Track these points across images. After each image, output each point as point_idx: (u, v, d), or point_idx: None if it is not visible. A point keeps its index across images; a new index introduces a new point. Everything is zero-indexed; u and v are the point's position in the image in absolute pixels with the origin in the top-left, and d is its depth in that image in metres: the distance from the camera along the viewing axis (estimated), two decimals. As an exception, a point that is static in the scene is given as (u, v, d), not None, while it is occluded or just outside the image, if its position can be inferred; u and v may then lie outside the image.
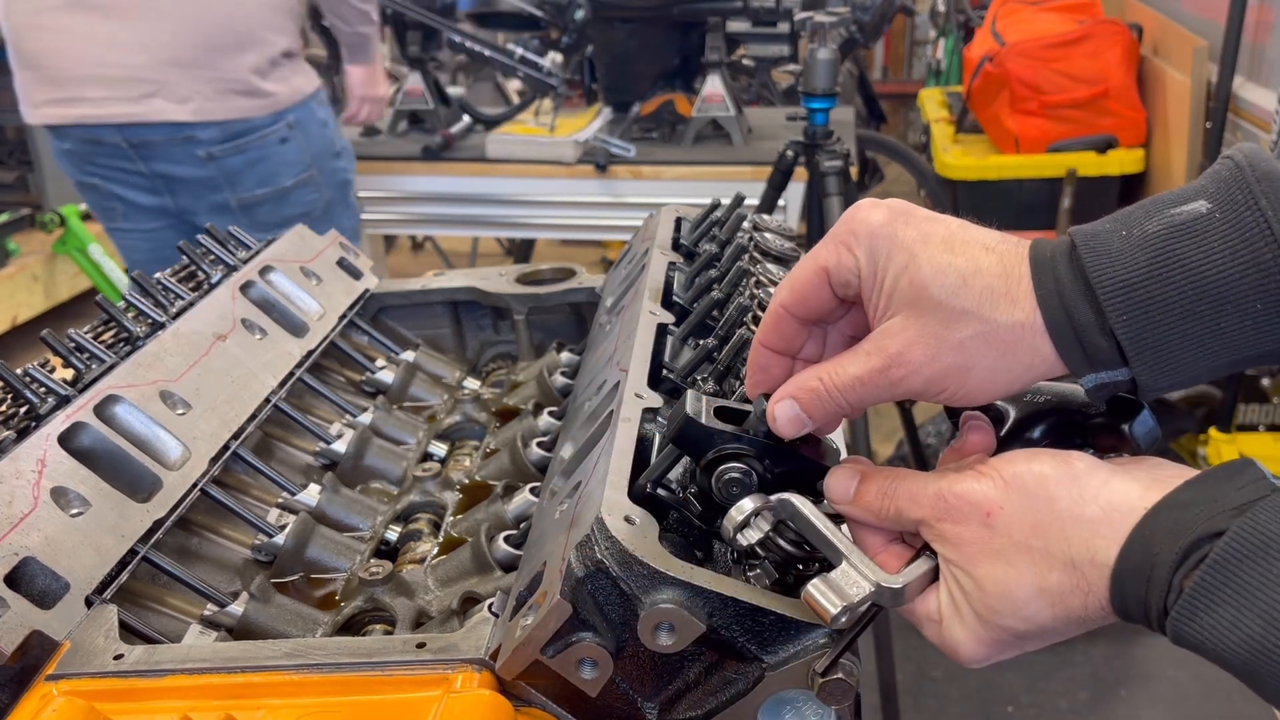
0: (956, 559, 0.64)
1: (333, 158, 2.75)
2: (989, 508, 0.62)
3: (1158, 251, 0.60)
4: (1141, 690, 2.66)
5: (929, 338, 0.63)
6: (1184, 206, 0.61)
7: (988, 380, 0.64)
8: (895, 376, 0.64)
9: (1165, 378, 0.61)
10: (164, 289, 1.22)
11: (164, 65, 2.38)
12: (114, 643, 0.80)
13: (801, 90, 2.38)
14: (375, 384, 1.36)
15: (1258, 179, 0.58)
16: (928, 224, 0.66)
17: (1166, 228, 0.60)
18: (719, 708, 0.73)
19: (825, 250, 0.68)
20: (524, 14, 3.34)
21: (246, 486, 1.13)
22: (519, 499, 1.04)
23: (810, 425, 0.68)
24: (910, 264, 0.64)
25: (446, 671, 0.75)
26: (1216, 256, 0.59)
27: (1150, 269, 0.59)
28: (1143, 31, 4.04)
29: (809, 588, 0.66)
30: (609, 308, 1.27)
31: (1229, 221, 0.59)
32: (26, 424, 0.96)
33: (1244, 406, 3.26)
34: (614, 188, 3.27)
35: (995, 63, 3.88)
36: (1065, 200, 3.87)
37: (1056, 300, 0.61)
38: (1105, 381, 0.63)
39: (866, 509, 0.68)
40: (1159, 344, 0.60)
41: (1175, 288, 0.59)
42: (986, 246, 0.64)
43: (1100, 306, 0.60)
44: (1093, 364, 0.62)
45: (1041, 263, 0.63)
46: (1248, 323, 0.59)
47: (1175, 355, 0.60)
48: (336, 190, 2.78)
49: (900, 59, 8.24)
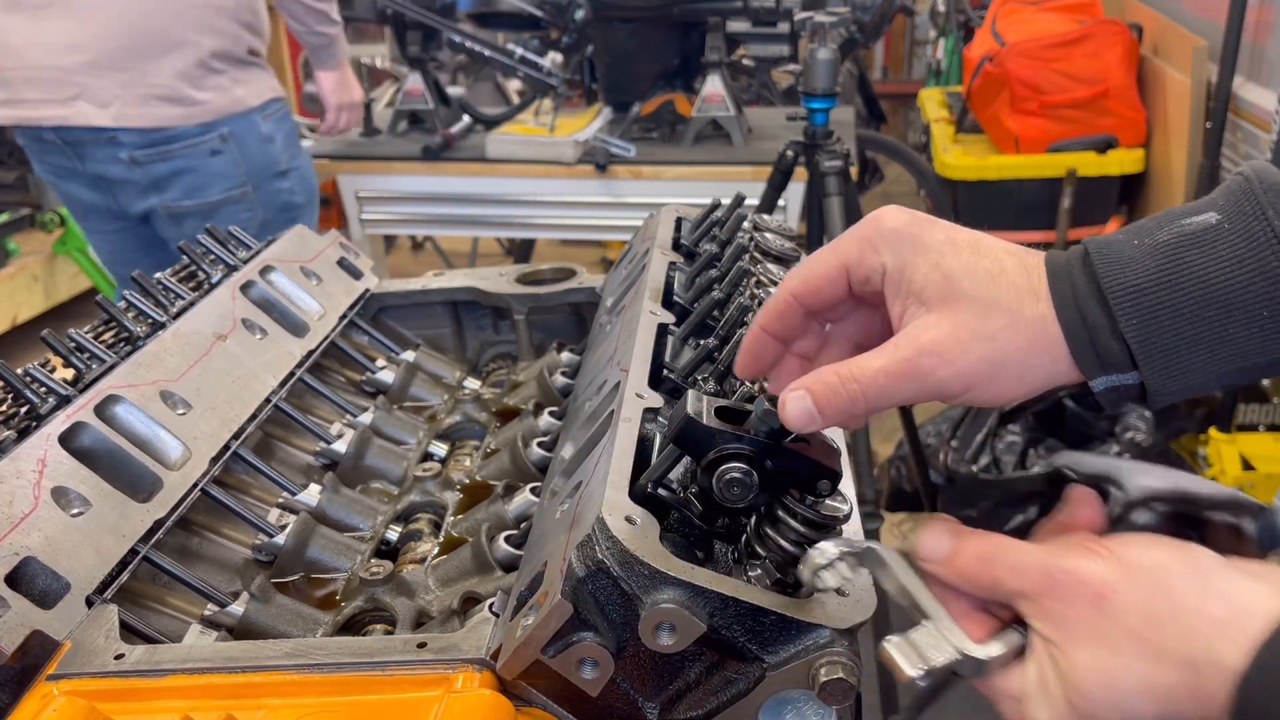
0: (1057, 639, 0.60)
1: (274, 177, 2.62)
2: (1102, 589, 0.59)
3: (1167, 258, 0.61)
4: (1141, 690, 2.66)
5: (962, 329, 0.64)
6: (1195, 218, 0.63)
7: (1016, 378, 0.64)
8: (926, 367, 0.64)
9: (1173, 382, 0.62)
10: (164, 289, 1.22)
11: (87, 67, 2.34)
12: (114, 643, 0.80)
13: (801, 90, 2.38)
14: (375, 384, 1.36)
15: (1265, 190, 0.60)
16: (951, 230, 0.67)
17: (1176, 236, 0.62)
18: (720, 708, 0.73)
19: (848, 246, 0.69)
20: (524, 14, 3.34)
21: (247, 486, 1.13)
22: (519, 499, 1.04)
23: (820, 422, 0.67)
24: (941, 262, 0.65)
25: (447, 671, 0.75)
26: (1224, 264, 0.60)
27: (1160, 275, 0.61)
28: (1143, 31, 4.04)
29: (886, 643, 0.64)
30: (609, 308, 1.27)
31: (1237, 231, 0.61)
32: (27, 424, 0.96)
33: (1244, 406, 3.26)
34: (614, 188, 3.27)
35: (995, 63, 3.88)
36: (1065, 200, 3.87)
37: (1071, 302, 0.63)
38: (1116, 385, 0.64)
39: (961, 573, 0.65)
40: (1167, 348, 0.61)
41: (1183, 293, 0.61)
42: (1008, 251, 0.66)
43: (1111, 310, 0.62)
44: (1104, 366, 0.63)
45: (1057, 268, 0.65)
46: (1255, 329, 0.60)
47: (1184, 360, 0.61)
48: (276, 213, 2.64)
49: (900, 59, 8.24)
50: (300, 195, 2.73)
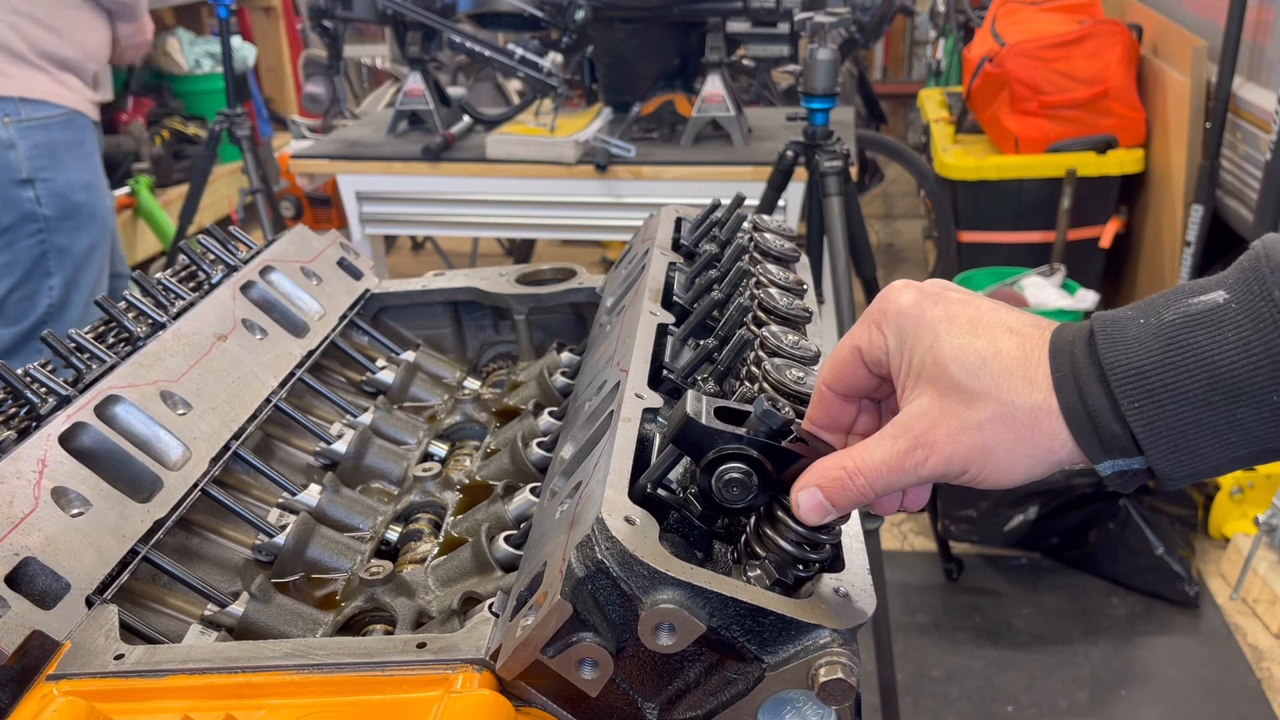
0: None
1: (16, 185, 2.61)
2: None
3: (1170, 340, 0.59)
4: (1141, 690, 2.66)
5: (950, 418, 0.63)
6: (1202, 296, 0.60)
7: (1008, 463, 0.63)
8: (919, 459, 0.64)
9: (1183, 467, 0.60)
10: (164, 289, 1.22)
11: None
12: (114, 643, 0.80)
13: (801, 90, 2.38)
14: (376, 384, 1.36)
15: (1272, 270, 0.58)
16: (956, 306, 0.66)
17: (1182, 316, 0.60)
18: (719, 708, 0.73)
19: (859, 329, 0.70)
20: (524, 14, 3.34)
21: (247, 486, 1.13)
22: (519, 499, 1.04)
23: (834, 513, 0.68)
24: (934, 344, 0.65)
25: (447, 671, 0.75)
26: (1230, 347, 0.58)
27: (1163, 357, 0.59)
28: (1143, 31, 4.04)
29: None
30: (609, 308, 1.27)
31: (1244, 311, 0.58)
32: (27, 424, 0.96)
33: (1244, 406, 3.25)
34: (614, 188, 3.27)
35: (995, 63, 3.88)
36: (1065, 200, 3.87)
37: (1072, 384, 0.61)
38: (1124, 470, 0.62)
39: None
40: (1172, 433, 0.59)
41: (1189, 376, 0.59)
42: (1010, 329, 0.65)
43: (1114, 393, 0.60)
44: (1108, 450, 0.61)
45: (1060, 348, 0.63)
46: (1266, 414, 0.58)
47: (1191, 445, 0.59)
48: (18, 220, 2.62)
49: (900, 59, 8.24)
50: (50, 209, 2.71)
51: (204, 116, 5.59)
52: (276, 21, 6.42)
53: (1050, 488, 2.99)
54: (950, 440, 0.63)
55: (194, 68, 5.61)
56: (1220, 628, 2.85)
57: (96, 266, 2.95)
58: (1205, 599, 2.95)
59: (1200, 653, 2.77)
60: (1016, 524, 3.05)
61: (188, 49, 5.62)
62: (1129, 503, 2.98)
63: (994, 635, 2.87)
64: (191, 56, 5.62)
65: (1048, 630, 2.88)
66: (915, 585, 3.09)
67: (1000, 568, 3.15)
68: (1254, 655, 2.75)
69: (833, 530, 0.72)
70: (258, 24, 6.37)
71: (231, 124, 3.70)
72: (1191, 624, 2.88)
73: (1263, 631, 2.83)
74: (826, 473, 0.67)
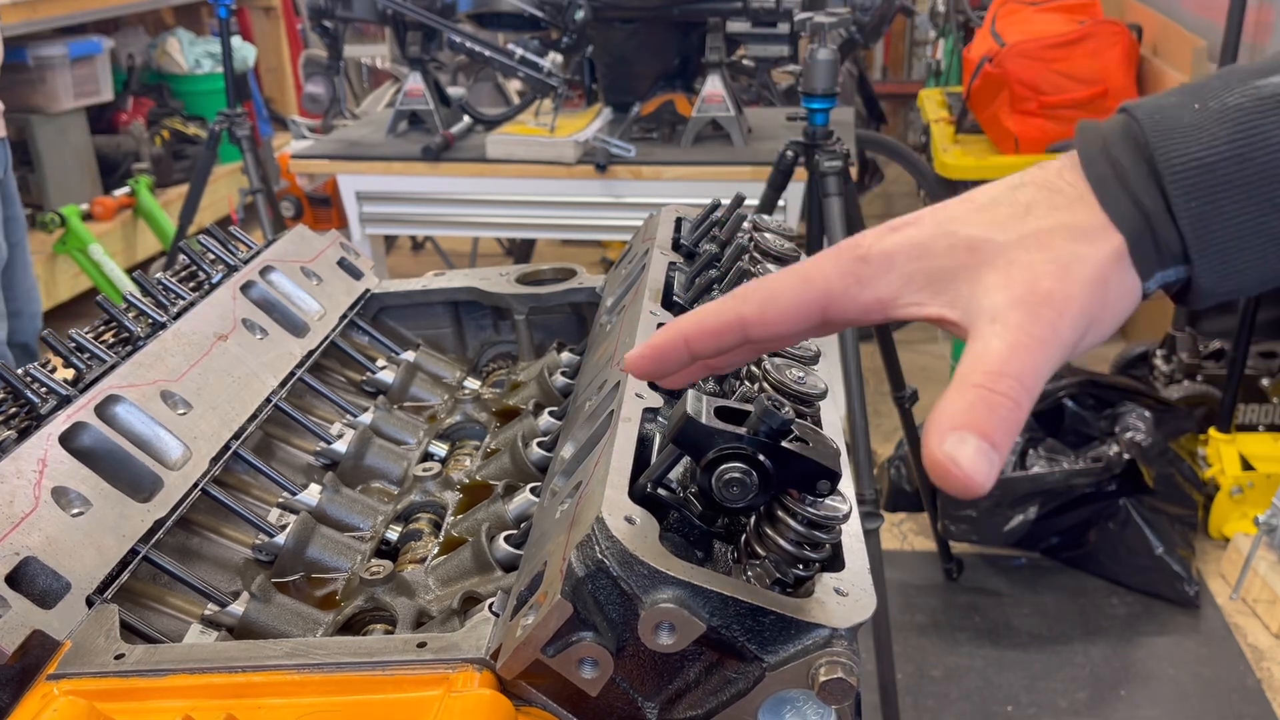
0: None
1: None
2: None
3: (1239, 126, 0.50)
4: (1141, 690, 2.66)
5: (1041, 265, 0.53)
6: (1272, 78, 0.51)
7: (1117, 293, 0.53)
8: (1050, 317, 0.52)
9: (1228, 281, 0.52)
10: (164, 289, 1.22)
11: None
12: (115, 642, 0.80)
13: (801, 90, 2.38)
14: (376, 384, 1.36)
15: None
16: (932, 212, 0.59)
17: (1251, 100, 0.51)
18: (719, 707, 0.73)
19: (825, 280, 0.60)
20: (524, 14, 3.34)
21: (247, 486, 1.13)
22: (519, 499, 1.04)
23: (997, 456, 0.50)
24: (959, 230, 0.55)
25: (447, 671, 0.75)
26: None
27: (1229, 147, 0.50)
28: (1143, 32, 4.04)
29: None
30: (609, 308, 1.27)
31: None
32: (27, 424, 0.96)
33: (1244, 406, 3.26)
34: (614, 188, 3.27)
35: (995, 63, 3.88)
36: (1065, 200, 3.87)
37: (1117, 186, 0.52)
38: (1170, 282, 0.54)
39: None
40: (1226, 237, 0.51)
41: (1258, 170, 0.50)
42: (1008, 183, 0.57)
43: (1166, 190, 0.51)
44: (1161, 260, 0.53)
45: (1092, 155, 0.54)
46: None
47: (1244, 253, 0.51)
48: None
49: (900, 59, 8.24)
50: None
51: (204, 116, 5.60)
52: (276, 21, 6.42)
53: (1050, 488, 2.99)
54: (1060, 280, 0.52)
55: (194, 68, 5.62)
56: (1220, 628, 2.85)
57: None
58: (1205, 599, 2.95)
59: (1200, 652, 2.77)
60: (1016, 524, 3.05)
61: (188, 49, 5.63)
62: (1129, 502, 2.98)
63: (994, 635, 2.87)
64: (191, 56, 5.62)
65: (1047, 630, 2.88)
66: (915, 585, 3.09)
67: (1000, 567, 3.15)
68: (1254, 655, 2.75)
69: (833, 530, 0.72)
70: (258, 24, 6.38)
71: (231, 124, 3.70)
72: (1191, 624, 2.88)
73: (1262, 631, 2.83)
74: (953, 411, 0.51)
